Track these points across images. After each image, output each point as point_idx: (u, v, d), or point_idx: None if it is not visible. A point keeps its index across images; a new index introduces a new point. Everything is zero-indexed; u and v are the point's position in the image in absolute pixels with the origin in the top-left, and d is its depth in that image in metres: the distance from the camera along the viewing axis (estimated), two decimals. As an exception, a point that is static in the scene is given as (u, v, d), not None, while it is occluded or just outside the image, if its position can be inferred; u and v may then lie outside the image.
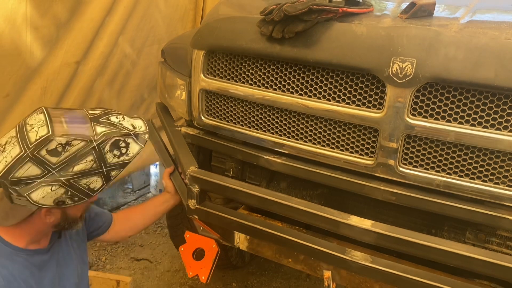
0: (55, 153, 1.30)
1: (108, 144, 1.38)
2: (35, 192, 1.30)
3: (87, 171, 1.35)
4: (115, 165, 1.42)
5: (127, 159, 1.44)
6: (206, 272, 1.95)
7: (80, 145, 1.33)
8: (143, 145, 1.47)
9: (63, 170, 1.32)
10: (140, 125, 1.50)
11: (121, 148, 1.41)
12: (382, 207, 1.66)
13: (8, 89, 2.10)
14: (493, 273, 1.27)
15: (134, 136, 1.45)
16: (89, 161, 1.35)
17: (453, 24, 1.42)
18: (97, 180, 1.39)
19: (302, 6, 1.41)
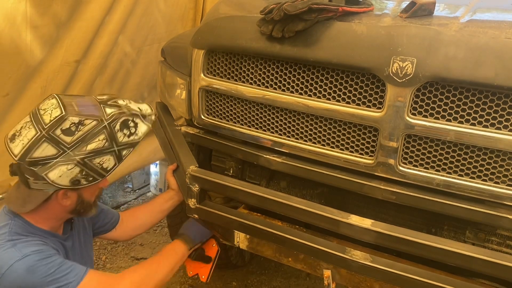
0: (69, 132, 1.36)
1: (118, 123, 1.45)
2: (52, 171, 1.36)
3: (100, 150, 1.41)
4: (126, 144, 1.48)
5: (136, 139, 1.51)
6: (206, 271, 1.96)
7: (92, 124, 1.39)
8: (150, 125, 1.54)
9: (77, 149, 1.38)
10: (146, 108, 1.56)
11: (130, 128, 1.49)
12: (382, 206, 1.66)
13: (8, 88, 2.10)
14: (493, 272, 1.27)
15: (142, 117, 1.52)
16: (101, 140, 1.41)
17: (453, 23, 1.42)
18: (110, 159, 1.45)
19: (302, 5, 1.41)
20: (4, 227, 1.43)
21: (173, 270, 1.70)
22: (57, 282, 1.38)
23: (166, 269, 1.65)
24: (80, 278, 1.43)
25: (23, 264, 1.35)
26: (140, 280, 1.54)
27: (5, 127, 2.16)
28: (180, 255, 1.75)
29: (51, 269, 1.39)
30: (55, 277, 1.39)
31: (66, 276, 1.41)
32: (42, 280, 1.36)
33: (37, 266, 1.37)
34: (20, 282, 1.34)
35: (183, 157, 1.73)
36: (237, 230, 1.73)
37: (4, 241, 1.39)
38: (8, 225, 1.43)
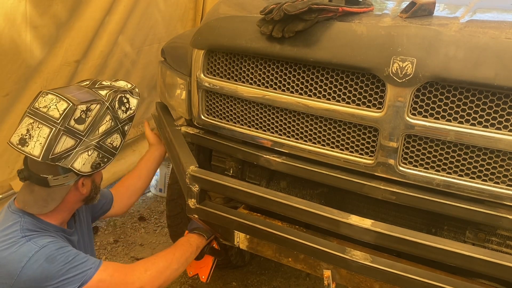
0: (81, 120, 1.42)
1: (116, 101, 1.53)
2: (76, 161, 1.42)
3: (109, 130, 1.50)
4: (126, 120, 1.57)
5: (131, 113, 1.59)
6: (206, 271, 1.95)
7: (97, 108, 1.46)
8: (139, 98, 1.63)
9: (91, 135, 1.45)
10: (125, 83, 1.65)
11: (125, 104, 1.57)
12: (382, 207, 1.66)
13: (8, 88, 2.10)
14: (493, 273, 1.27)
15: (130, 92, 1.61)
16: (108, 121, 1.49)
17: (453, 24, 1.42)
18: (117, 137, 1.54)
19: (302, 5, 1.41)
20: (15, 225, 1.45)
21: (187, 262, 1.73)
22: (76, 270, 1.42)
23: (180, 260, 1.67)
24: (97, 266, 1.46)
25: (42, 254, 1.39)
26: (155, 270, 1.56)
27: (5, 127, 2.16)
28: (194, 247, 1.77)
29: (69, 258, 1.43)
30: (73, 265, 1.42)
31: (84, 263, 1.44)
32: (61, 268, 1.39)
33: (56, 255, 1.40)
34: (41, 272, 1.37)
35: (183, 157, 1.73)
36: (237, 230, 1.73)
37: (19, 237, 1.41)
38: (19, 223, 1.45)
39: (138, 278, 1.52)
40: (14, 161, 2.25)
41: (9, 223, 1.45)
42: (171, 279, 1.64)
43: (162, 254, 1.66)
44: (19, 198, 1.49)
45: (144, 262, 1.59)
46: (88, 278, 1.42)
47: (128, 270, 1.54)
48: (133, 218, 3.40)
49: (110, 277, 1.47)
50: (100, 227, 3.24)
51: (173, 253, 1.68)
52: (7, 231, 1.43)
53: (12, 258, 1.37)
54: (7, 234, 1.42)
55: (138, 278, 1.52)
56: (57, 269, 1.39)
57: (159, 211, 3.50)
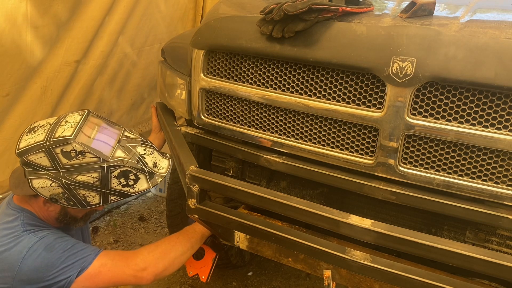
0: (67, 155, 1.38)
1: (118, 170, 1.44)
2: (37, 180, 1.40)
3: (88, 185, 1.42)
4: (116, 192, 1.47)
5: (130, 192, 1.49)
6: (206, 272, 1.95)
7: (91, 160, 1.40)
8: (152, 186, 1.52)
9: (68, 173, 1.40)
10: (163, 166, 1.56)
11: (129, 180, 1.47)
12: (382, 207, 1.66)
13: (8, 88, 2.10)
14: (493, 273, 1.27)
15: (148, 174, 1.50)
16: (93, 177, 1.41)
17: (453, 24, 1.42)
18: (95, 196, 1.45)
19: (302, 5, 1.41)
20: (16, 220, 1.48)
21: (193, 249, 1.72)
22: (75, 257, 1.44)
23: (185, 246, 1.66)
24: (97, 252, 1.48)
25: (42, 243, 1.41)
26: (158, 251, 1.57)
27: (5, 127, 2.17)
28: (199, 234, 1.76)
29: (68, 245, 1.45)
30: (72, 252, 1.44)
31: (84, 250, 1.46)
32: (61, 256, 1.41)
33: (55, 244, 1.43)
34: (41, 261, 1.39)
35: (183, 157, 1.73)
36: (237, 230, 1.73)
37: (20, 231, 1.44)
38: (19, 218, 1.48)
39: (142, 259, 1.52)
40: (14, 161, 2.26)
41: (10, 218, 1.47)
42: (176, 264, 1.62)
43: (165, 238, 1.67)
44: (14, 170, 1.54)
45: (147, 246, 1.60)
46: (87, 263, 1.44)
47: (130, 253, 1.55)
48: (133, 218, 3.40)
49: (111, 261, 1.48)
50: (100, 227, 3.24)
51: (176, 237, 1.68)
52: (8, 225, 1.45)
53: (14, 250, 1.40)
54: (9, 228, 1.44)
55: (142, 259, 1.52)
56: (56, 257, 1.41)
57: (159, 211, 3.50)
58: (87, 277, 1.43)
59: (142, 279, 1.51)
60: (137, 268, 1.50)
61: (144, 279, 1.51)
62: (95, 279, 1.44)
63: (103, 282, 1.46)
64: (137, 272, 1.49)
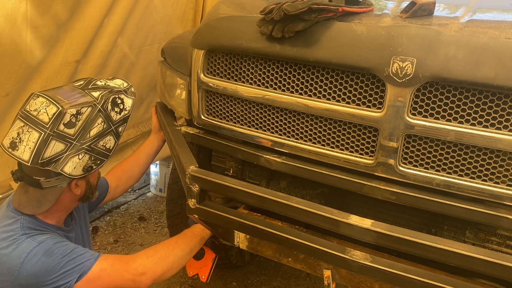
0: (71, 124, 1.41)
1: (109, 103, 1.51)
2: (66, 165, 1.41)
3: (101, 133, 1.48)
4: (120, 121, 1.55)
5: (126, 113, 1.58)
6: (206, 272, 1.95)
7: (88, 111, 1.45)
8: (134, 98, 1.61)
9: (82, 138, 1.43)
10: (121, 82, 1.63)
11: (119, 105, 1.55)
12: (382, 207, 1.66)
13: (8, 88, 2.10)
14: (493, 273, 1.27)
15: (124, 92, 1.59)
16: (100, 123, 1.48)
17: (453, 24, 1.42)
18: (110, 139, 1.52)
19: (302, 5, 1.41)
20: (15, 223, 1.47)
21: (192, 252, 1.73)
22: (75, 262, 1.43)
23: (184, 250, 1.66)
24: (96, 257, 1.48)
25: (41, 248, 1.40)
26: (157, 256, 1.57)
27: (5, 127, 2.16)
28: (198, 237, 1.76)
29: (67, 250, 1.44)
30: (72, 257, 1.43)
31: (83, 255, 1.46)
32: (60, 261, 1.41)
33: (54, 249, 1.42)
34: (40, 267, 1.38)
35: (183, 157, 1.73)
36: (237, 230, 1.72)
37: (19, 235, 1.43)
38: (19, 221, 1.47)
39: (141, 264, 1.52)
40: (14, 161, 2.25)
41: (10, 221, 1.46)
42: (175, 268, 1.63)
43: (164, 242, 1.67)
44: (14, 198, 1.50)
45: (146, 251, 1.60)
46: (87, 268, 1.44)
47: (129, 258, 1.55)
48: (133, 218, 3.40)
49: (110, 266, 1.48)
50: (100, 227, 3.24)
51: (175, 241, 1.68)
52: (7, 228, 1.44)
53: (13, 255, 1.39)
54: (8, 231, 1.43)
55: (141, 264, 1.52)
56: (55, 262, 1.40)
57: (159, 211, 3.50)
58: (86, 282, 1.43)
59: (140, 283, 1.52)
60: (136, 273, 1.50)
61: (143, 284, 1.52)
62: (95, 283, 1.44)
63: (102, 286, 1.46)
64: (136, 276, 1.50)
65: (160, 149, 2.09)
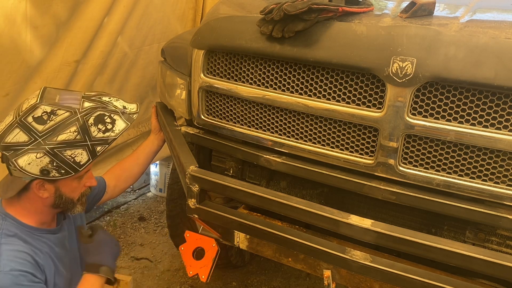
0: (40, 120, 1.37)
1: (92, 117, 1.43)
2: (21, 158, 1.36)
3: (71, 142, 1.39)
4: (100, 140, 1.44)
5: (112, 136, 1.47)
6: (206, 271, 1.95)
7: (64, 115, 1.39)
8: (129, 124, 1.51)
9: (48, 139, 1.37)
10: (133, 107, 1.55)
11: (107, 124, 1.45)
12: (382, 207, 1.66)
13: (8, 88, 2.10)
14: (493, 273, 1.27)
15: (121, 114, 1.50)
16: (73, 132, 1.39)
17: (453, 24, 1.42)
18: (82, 153, 1.42)
19: (302, 5, 1.41)
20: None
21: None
22: None
23: None
24: None
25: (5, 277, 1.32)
26: None
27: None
28: None
29: None
30: None
31: None
32: None
33: None
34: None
35: (183, 157, 1.73)
36: (237, 230, 1.73)
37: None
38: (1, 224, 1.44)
39: None
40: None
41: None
42: None
43: None
44: None
45: None
46: None
47: None
48: (133, 218, 3.40)
49: None
50: (100, 227, 3.24)
51: None
52: None
53: None
54: None
55: None
56: None
57: (159, 211, 3.50)
58: None
59: None
60: None
61: None
62: None
63: None
64: None
65: (159, 149, 2.08)
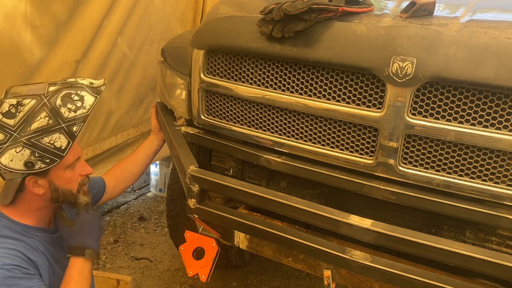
0: (10, 115, 1.35)
1: (59, 98, 1.39)
2: (3, 156, 1.34)
3: (45, 128, 1.36)
4: (74, 119, 1.40)
5: (85, 112, 1.42)
6: (206, 271, 1.95)
7: (31, 103, 1.36)
8: (98, 96, 1.46)
9: (22, 131, 1.35)
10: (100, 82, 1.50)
11: (75, 102, 1.41)
12: (382, 207, 1.66)
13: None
14: (493, 273, 1.27)
15: (88, 88, 1.45)
16: (43, 117, 1.36)
17: (453, 23, 1.42)
18: (60, 137, 1.38)
19: (302, 5, 1.41)
20: None
21: None
22: None
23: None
24: None
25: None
26: None
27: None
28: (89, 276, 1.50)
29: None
30: None
31: None
32: None
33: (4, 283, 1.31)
34: None
35: (183, 157, 1.73)
36: (237, 230, 1.72)
37: None
38: None
39: None
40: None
41: None
42: None
43: None
44: None
45: None
46: None
47: None
48: (133, 218, 3.40)
49: None
50: (100, 227, 3.24)
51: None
52: None
53: None
54: None
55: None
56: None
57: (159, 211, 3.50)
58: None
59: None
60: None
61: None
62: None
63: None
64: None
65: (159, 149, 2.08)
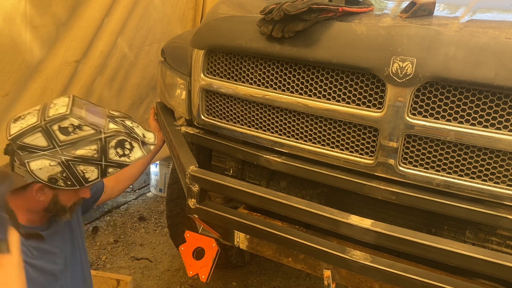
0: (65, 131, 1.39)
1: (115, 140, 1.45)
2: (34, 161, 1.37)
3: (87, 158, 1.42)
4: (114, 163, 1.47)
5: (127, 161, 1.50)
6: (206, 271, 1.95)
7: (89, 132, 1.41)
8: (146, 154, 1.53)
9: (66, 150, 1.39)
10: (151, 136, 1.58)
11: (125, 149, 1.48)
12: (382, 207, 1.66)
13: (8, 88, 2.10)
14: (493, 273, 1.27)
15: (141, 143, 1.53)
16: (92, 149, 1.42)
17: (453, 23, 1.42)
18: (94, 171, 1.44)
19: (302, 5, 1.41)
20: None
21: None
22: None
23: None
24: None
25: None
26: None
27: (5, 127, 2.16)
28: None
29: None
30: None
31: None
32: None
33: None
34: None
35: (183, 157, 1.73)
36: (237, 230, 1.72)
37: None
38: None
39: None
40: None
41: None
42: None
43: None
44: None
45: None
46: None
47: None
48: (133, 218, 3.40)
49: None
50: (100, 227, 3.24)
51: None
52: None
53: None
54: None
55: None
56: None
57: (159, 211, 3.50)
58: None
59: None
60: None
61: None
62: None
63: None
64: None
65: (159, 149, 2.08)
